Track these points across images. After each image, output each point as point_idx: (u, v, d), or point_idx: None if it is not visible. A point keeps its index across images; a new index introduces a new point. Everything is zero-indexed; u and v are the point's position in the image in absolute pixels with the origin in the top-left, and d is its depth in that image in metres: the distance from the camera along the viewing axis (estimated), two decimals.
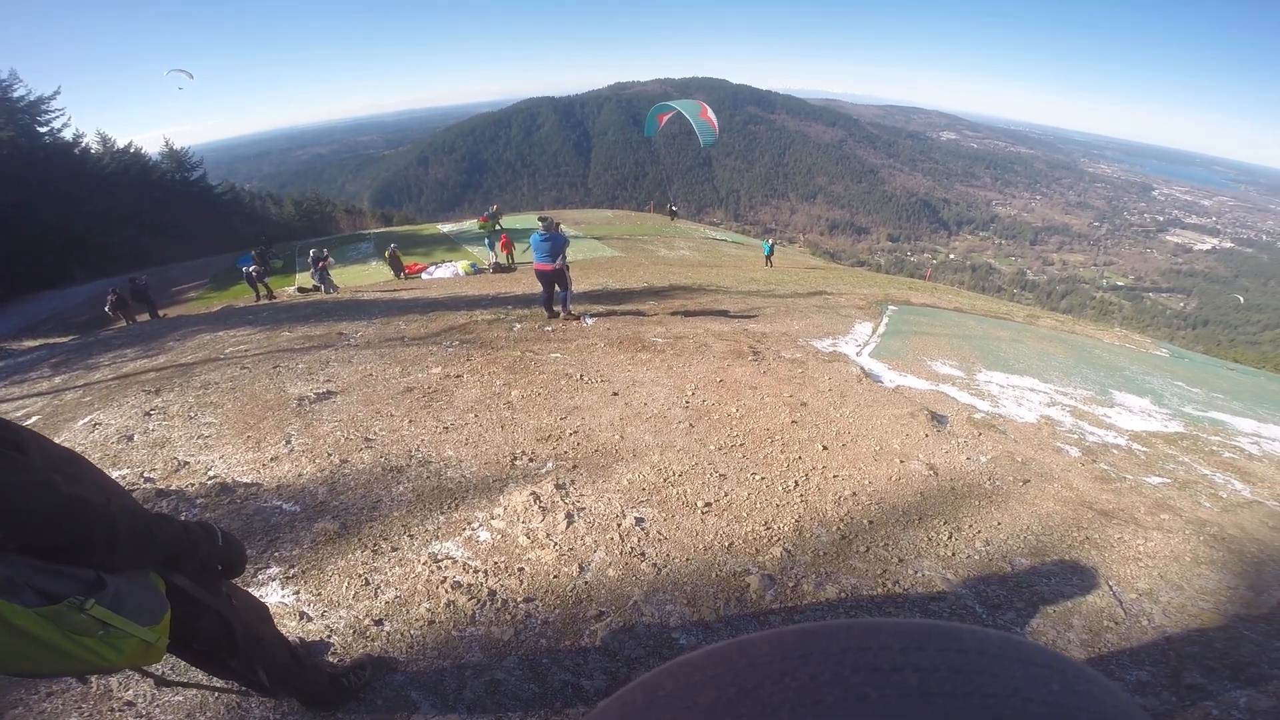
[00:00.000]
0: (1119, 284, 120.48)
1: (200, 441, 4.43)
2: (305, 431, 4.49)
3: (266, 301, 15.30)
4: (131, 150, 38.23)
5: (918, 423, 5.20)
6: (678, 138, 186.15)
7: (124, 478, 3.91)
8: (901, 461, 4.43)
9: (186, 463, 4.10)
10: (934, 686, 0.27)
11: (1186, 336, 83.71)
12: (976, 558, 3.38)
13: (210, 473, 3.94)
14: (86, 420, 5.02)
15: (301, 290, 17.34)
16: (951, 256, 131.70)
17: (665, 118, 14.19)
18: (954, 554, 3.39)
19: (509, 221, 24.13)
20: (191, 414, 4.96)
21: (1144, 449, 5.63)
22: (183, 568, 1.43)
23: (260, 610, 1.84)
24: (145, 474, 3.96)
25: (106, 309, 15.02)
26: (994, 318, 13.79)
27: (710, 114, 11.68)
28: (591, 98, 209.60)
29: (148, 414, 4.98)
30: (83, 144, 34.83)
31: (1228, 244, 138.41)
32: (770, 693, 0.28)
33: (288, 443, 4.31)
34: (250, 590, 2.54)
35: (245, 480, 3.82)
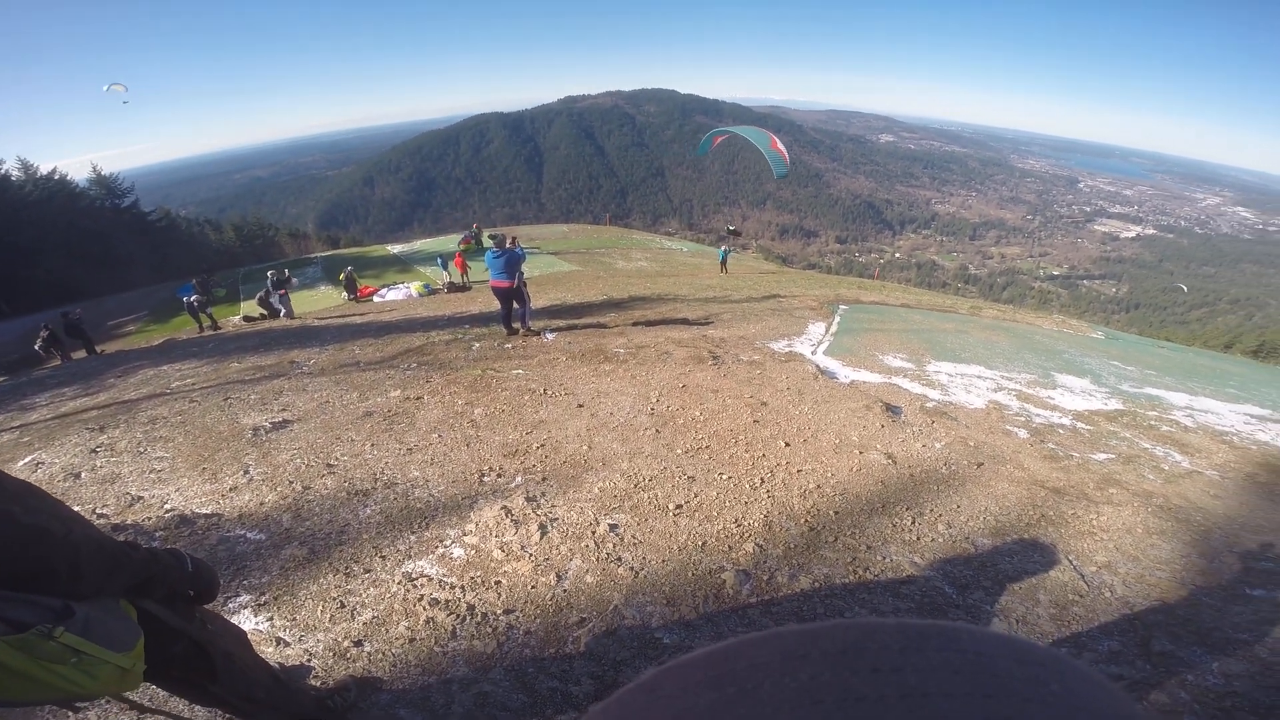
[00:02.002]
0: (1055, 273, 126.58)
1: (153, 476, 4.28)
2: (263, 461, 4.39)
3: (211, 332, 14.71)
4: (56, 177, 36.23)
5: (873, 415, 5.39)
6: (630, 149, 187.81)
7: None
8: (861, 453, 4.59)
9: (140, 497, 3.96)
10: (933, 687, 0.27)
11: (1120, 320, 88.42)
12: (940, 541, 3.53)
13: (167, 506, 3.82)
14: (28, 460, 4.78)
15: (248, 319, 16.75)
16: (897, 255, 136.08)
17: (720, 139, 14.47)
18: (918, 538, 3.53)
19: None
20: (140, 449, 4.78)
21: (1088, 427, 5.95)
22: (153, 594, 1.43)
23: (238, 635, 1.82)
24: (97, 510, 3.81)
25: (37, 346, 14.16)
26: (940, 311, 14.36)
27: (780, 145, 11.84)
28: (541, 112, 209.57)
29: (93, 451, 4.78)
30: (2, 170, 32.97)
31: (1150, 231, 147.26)
32: (769, 693, 0.28)
33: (246, 473, 4.21)
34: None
35: (205, 511, 3.72)
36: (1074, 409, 6.56)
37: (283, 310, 15.46)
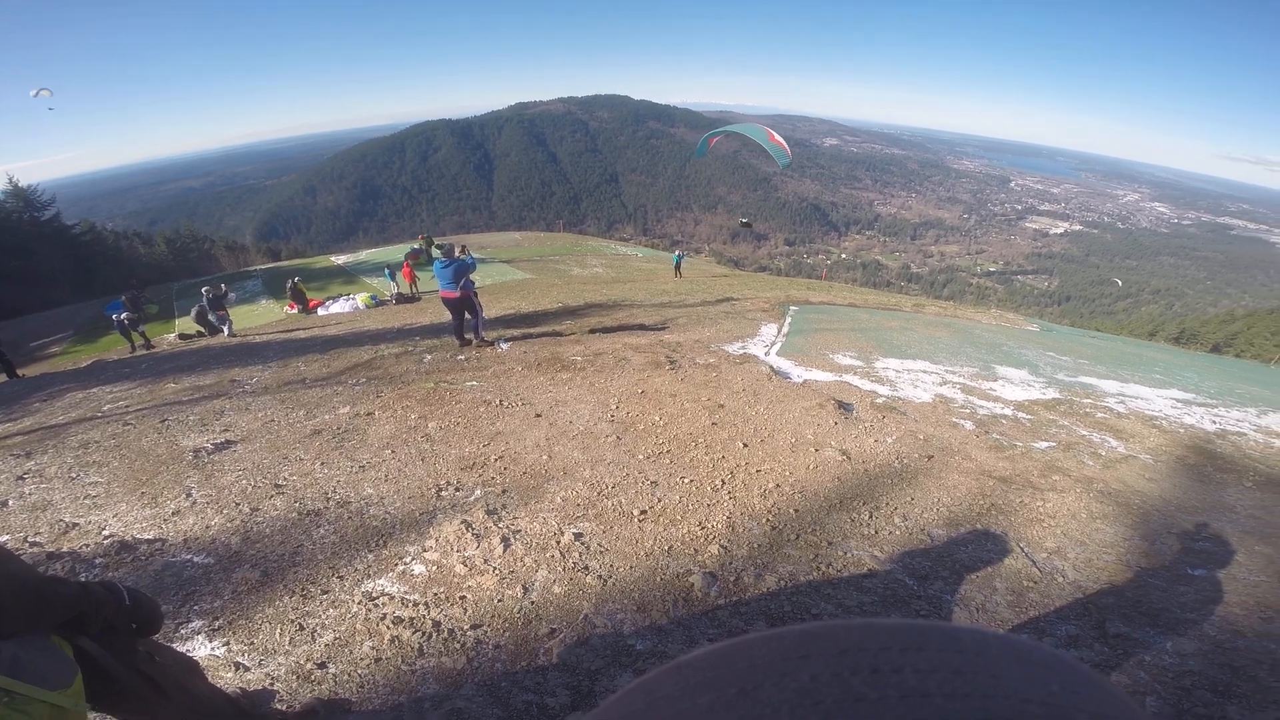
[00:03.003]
0: (991, 270, 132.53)
1: (88, 502, 4.07)
2: (207, 483, 4.21)
3: (144, 352, 13.94)
4: None
5: (826, 412, 5.52)
6: (583, 156, 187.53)
7: (4, 544, 3.52)
8: (816, 450, 4.69)
9: (75, 524, 3.77)
10: (933, 687, 0.27)
11: (1053, 312, 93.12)
12: (897, 533, 3.63)
13: (105, 532, 3.64)
14: None
15: (184, 337, 15.97)
16: (843, 256, 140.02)
17: (715, 140, 14.63)
18: (876, 532, 3.63)
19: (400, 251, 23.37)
20: (72, 475, 4.53)
21: (1028, 417, 6.23)
22: (87, 629, 1.38)
23: (189, 665, 1.76)
24: (29, 539, 3.59)
25: None
26: (885, 309, 14.83)
27: (778, 137, 12.06)
28: (491, 119, 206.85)
29: (20, 478, 4.49)
30: None
31: (1077, 227, 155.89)
32: (769, 694, 0.28)
33: (189, 495, 4.04)
34: (175, 645, 2.43)
35: (146, 537, 3.55)
36: (1015, 399, 6.87)
37: (225, 328, 14.78)
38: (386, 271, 19.71)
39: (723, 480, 4.15)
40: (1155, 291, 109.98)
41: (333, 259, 30.96)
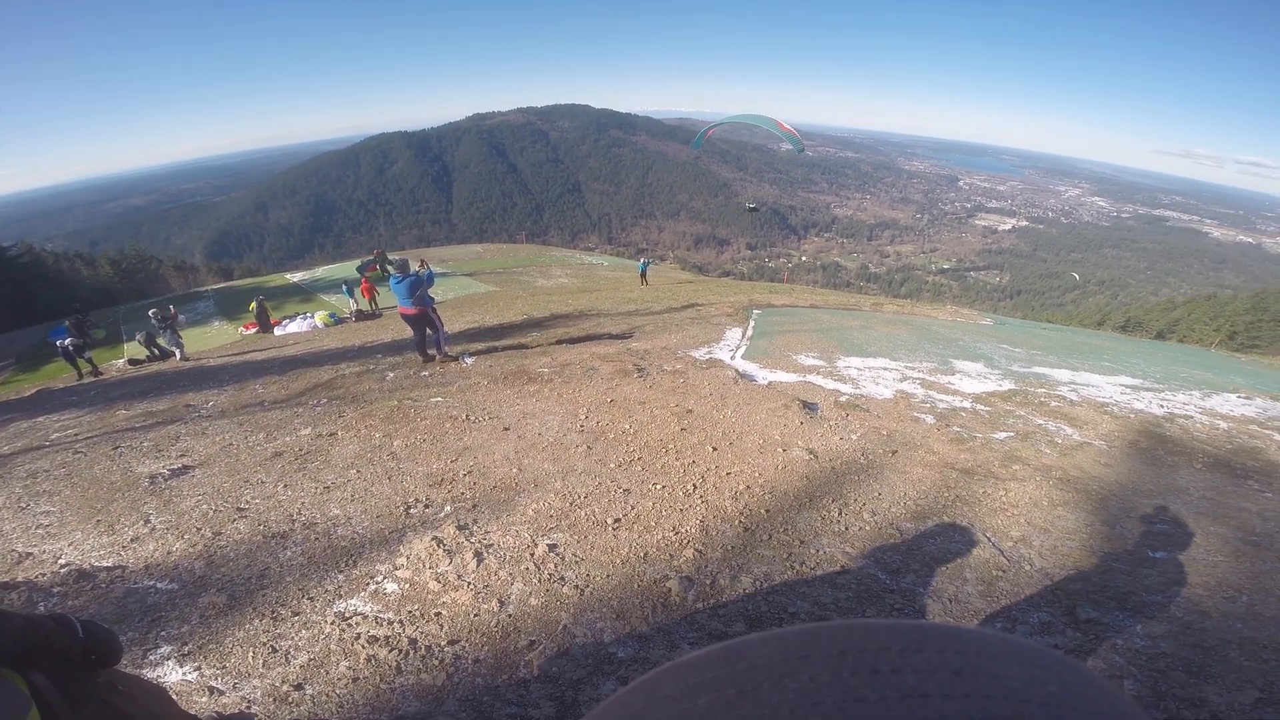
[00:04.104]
0: (945, 267, 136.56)
1: (40, 531, 3.93)
2: (166, 509, 4.08)
3: (92, 379, 13.34)
4: None
5: (792, 413, 5.61)
6: (545, 166, 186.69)
7: None
8: (784, 450, 4.76)
9: (29, 554, 3.63)
10: (933, 688, 0.27)
11: (1005, 306, 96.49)
12: (867, 529, 3.71)
13: (61, 561, 3.52)
14: None
15: (134, 362, 15.33)
16: (803, 259, 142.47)
17: (711, 131, 14.84)
18: (847, 528, 3.70)
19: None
20: (22, 504, 4.37)
21: (986, 409, 6.43)
22: (38, 663, 1.34)
23: (157, 693, 1.73)
24: None
25: None
26: (845, 310, 15.16)
27: (787, 125, 12.31)
28: (449, 130, 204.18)
29: None
30: None
31: (1024, 223, 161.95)
32: (769, 694, 0.28)
33: (147, 522, 3.91)
34: (145, 672, 2.41)
35: (106, 564, 3.44)
36: (973, 392, 7.09)
37: (177, 352, 14.23)
38: (345, 288, 19.21)
39: (694, 484, 4.18)
40: (1100, 283, 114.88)
41: (288, 277, 30.13)
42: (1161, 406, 7.09)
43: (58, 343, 14.23)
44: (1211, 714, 2.33)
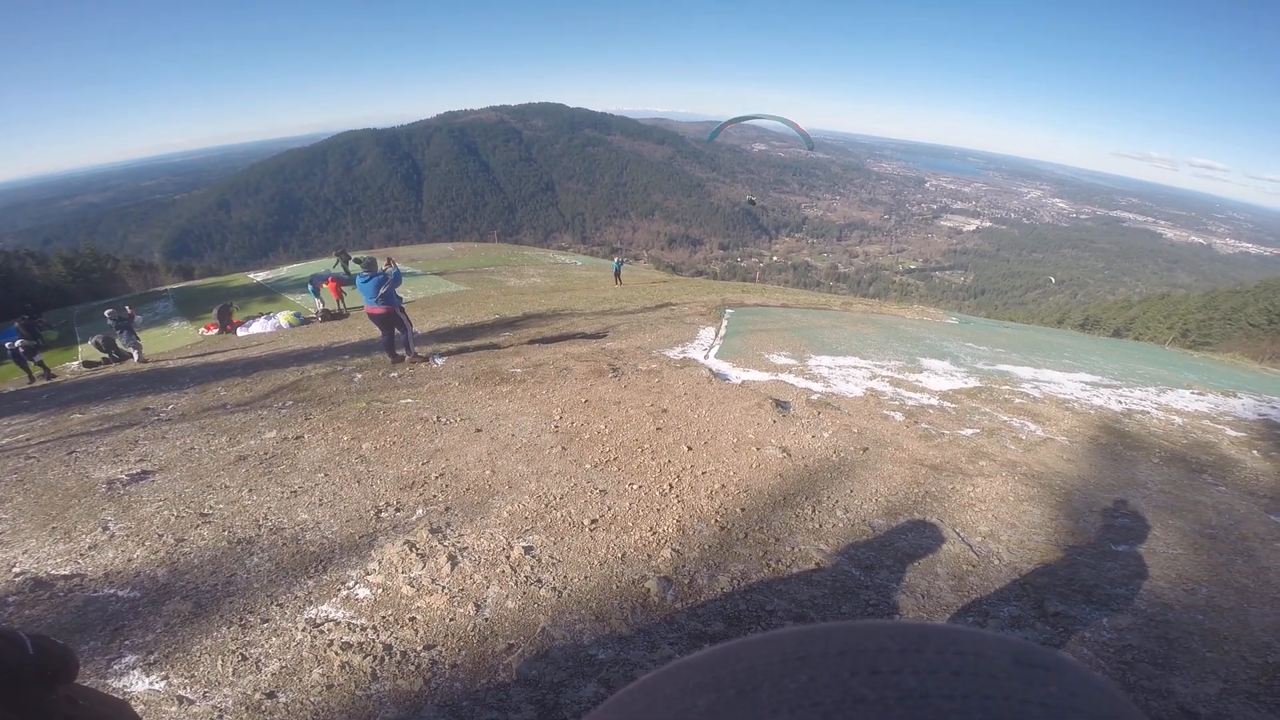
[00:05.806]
0: (912, 267, 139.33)
1: None
2: (125, 515, 3.94)
3: (44, 382, 12.79)
4: None
5: (765, 411, 5.66)
6: (518, 165, 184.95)
7: None
8: (758, 449, 4.79)
9: None
10: (932, 688, 0.27)
11: (970, 305, 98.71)
12: (840, 526, 3.75)
13: (15, 570, 3.38)
14: None
15: (89, 364, 14.74)
16: (775, 259, 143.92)
17: (730, 126, 15.01)
18: (820, 525, 3.73)
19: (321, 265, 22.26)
20: None
21: (953, 405, 6.56)
22: None
23: (119, 706, 1.68)
24: None
25: None
26: (816, 309, 15.33)
27: (801, 126, 12.74)
28: (420, 128, 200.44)
29: None
30: None
31: (988, 224, 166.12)
32: (769, 695, 0.28)
33: (105, 529, 3.78)
34: (110, 682, 2.37)
35: (63, 573, 3.32)
36: (940, 389, 7.23)
37: (134, 354, 13.72)
38: (310, 287, 18.71)
39: (670, 484, 4.18)
40: (1060, 282, 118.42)
41: (251, 276, 29.29)
42: (1120, 402, 7.32)
43: (7, 345, 13.59)
44: (1179, 705, 2.40)
